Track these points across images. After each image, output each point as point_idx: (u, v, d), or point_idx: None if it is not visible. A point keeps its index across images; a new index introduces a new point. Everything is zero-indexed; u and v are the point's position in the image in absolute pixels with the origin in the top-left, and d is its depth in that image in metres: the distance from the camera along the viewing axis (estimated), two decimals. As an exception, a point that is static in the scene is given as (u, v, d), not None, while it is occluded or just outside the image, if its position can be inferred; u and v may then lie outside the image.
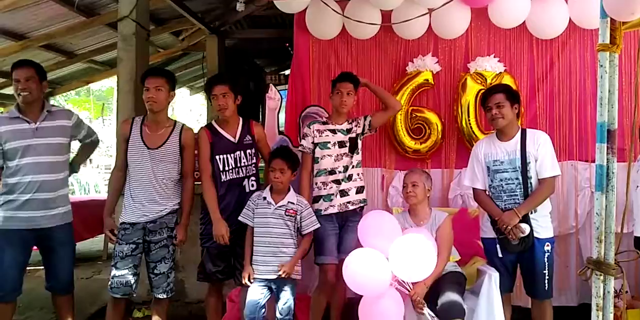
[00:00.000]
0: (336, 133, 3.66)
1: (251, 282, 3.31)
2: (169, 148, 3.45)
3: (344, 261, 3.17)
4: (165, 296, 3.46)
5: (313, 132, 3.66)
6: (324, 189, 3.61)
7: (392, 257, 3.07)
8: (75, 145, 3.78)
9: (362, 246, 3.28)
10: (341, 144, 3.64)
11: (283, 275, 3.25)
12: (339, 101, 3.61)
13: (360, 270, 3.07)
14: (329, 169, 3.61)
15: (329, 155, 3.62)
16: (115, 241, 3.41)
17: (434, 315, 3.07)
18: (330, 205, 3.57)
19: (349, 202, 3.59)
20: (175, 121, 3.61)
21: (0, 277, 3.33)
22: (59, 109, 3.68)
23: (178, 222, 3.51)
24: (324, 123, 3.71)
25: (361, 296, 3.19)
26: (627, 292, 3.57)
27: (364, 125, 3.70)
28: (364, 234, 3.30)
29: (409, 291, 3.11)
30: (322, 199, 3.60)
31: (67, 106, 14.47)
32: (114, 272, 3.35)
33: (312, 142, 3.66)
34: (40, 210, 3.38)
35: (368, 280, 3.07)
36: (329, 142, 3.63)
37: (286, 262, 3.28)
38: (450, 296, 3.08)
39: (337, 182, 3.60)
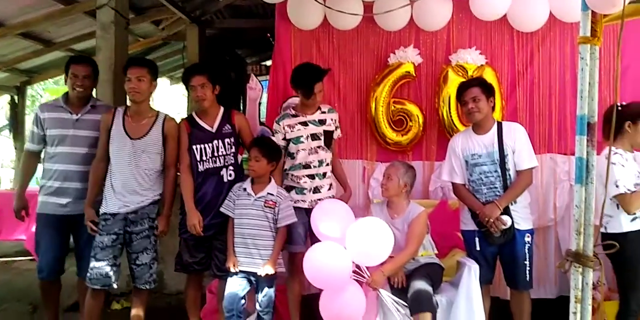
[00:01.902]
0: (308, 125, 3.58)
1: (236, 270, 3.29)
2: (152, 138, 3.44)
3: None
4: (147, 287, 3.44)
5: (283, 128, 3.60)
6: (297, 182, 3.58)
7: (348, 240, 3.10)
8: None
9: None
10: (314, 137, 3.57)
11: (267, 271, 3.24)
12: (312, 101, 3.56)
13: (320, 263, 3.10)
14: (303, 164, 3.57)
15: (302, 150, 3.56)
16: (96, 232, 3.38)
17: (396, 299, 3.09)
18: (302, 200, 3.54)
19: (319, 199, 3.55)
20: (158, 111, 3.59)
21: (43, 258, 3.55)
22: (102, 104, 3.77)
23: (160, 212, 3.49)
24: (294, 115, 3.63)
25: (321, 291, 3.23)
26: (604, 284, 3.61)
27: (335, 127, 3.68)
28: (316, 222, 3.33)
29: (366, 279, 3.12)
30: (294, 190, 3.57)
31: (44, 95, 14.23)
32: (93, 263, 3.32)
33: (284, 139, 3.60)
34: (71, 199, 3.50)
35: (328, 272, 3.09)
36: (302, 136, 3.57)
37: (266, 261, 3.27)
38: (417, 285, 3.10)
39: (312, 177, 3.56)
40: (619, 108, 3.16)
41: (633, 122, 3.19)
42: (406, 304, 3.09)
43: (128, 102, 3.58)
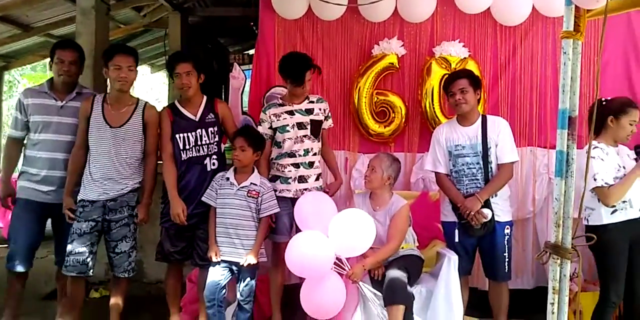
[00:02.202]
0: (294, 114, 3.57)
1: (218, 260, 3.28)
2: (132, 126, 3.41)
3: None
4: (126, 275, 3.43)
5: (270, 117, 3.58)
6: (282, 171, 3.57)
7: (330, 231, 3.12)
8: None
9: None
10: (300, 126, 3.55)
11: (250, 261, 3.23)
12: (301, 90, 3.54)
13: (303, 252, 3.11)
14: (289, 152, 3.55)
15: (288, 139, 3.55)
16: (74, 219, 3.36)
17: (375, 292, 3.13)
18: (286, 189, 3.53)
19: (305, 189, 3.54)
20: (138, 99, 3.56)
21: (16, 246, 3.45)
22: (88, 91, 3.71)
23: (140, 200, 3.47)
24: (281, 105, 3.61)
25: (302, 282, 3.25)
26: (580, 275, 3.67)
27: (325, 117, 3.66)
28: (301, 216, 3.35)
29: (346, 271, 3.14)
30: (278, 180, 3.56)
31: (22, 81, 14.00)
32: (70, 249, 3.30)
33: (270, 128, 3.59)
34: (54, 187, 3.45)
35: (310, 261, 3.09)
36: (287, 125, 3.55)
37: (248, 251, 3.26)
38: (391, 276, 3.12)
39: (296, 165, 3.55)
40: (603, 103, 3.23)
41: (615, 117, 3.24)
42: (375, 290, 3.14)
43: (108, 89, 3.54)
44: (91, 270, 3.35)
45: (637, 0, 2.46)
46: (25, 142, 3.62)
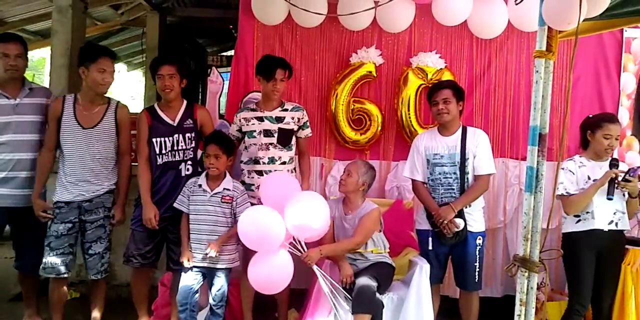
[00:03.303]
0: (263, 121, 3.56)
1: (190, 266, 3.28)
2: (105, 127, 3.40)
3: None
4: (99, 277, 3.43)
5: (240, 120, 3.60)
6: (247, 177, 3.58)
7: (287, 209, 3.11)
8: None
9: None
10: (267, 133, 3.54)
11: (210, 254, 3.22)
12: (272, 88, 3.52)
13: (256, 223, 3.08)
14: (253, 158, 3.56)
15: (254, 144, 3.55)
16: (51, 220, 3.34)
17: (333, 282, 3.15)
18: (252, 196, 3.50)
19: None
20: (109, 98, 3.53)
21: None
22: (39, 87, 3.65)
23: (116, 201, 3.46)
24: (253, 110, 3.61)
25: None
26: (547, 285, 3.77)
27: (299, 127, 3.64)
28: (264, 193, 3.32)
29: (301, 253, 3.16)
30: (244, 186, 3.55)
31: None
32: (48, 252, 3.29)
33: (238, 130, 3.61)
34: (16, 189, 3.38)
35: (261, 234, 3.08)
36: (255, 131, 3.55)
37: (214, 241, 3.25)
38: (361, 284, 3.15)
39: (260, 173, 3.54)
40: (589, 117, 3.47)
41: (592, 132, 3.42)
42: (345, 292, 3.18)
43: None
44: (68, 272, 3.35)
45: (607, 24, 2.55)
46: None
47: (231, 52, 8.61)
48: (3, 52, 3.36)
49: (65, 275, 3.36)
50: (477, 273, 3.43)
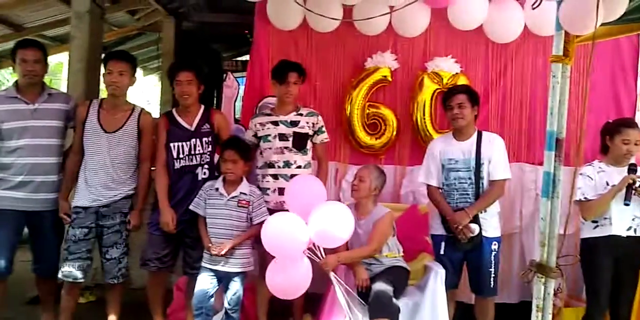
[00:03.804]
0: (278, 125, 3.58)
1: (221, 255, 3.26)
2: (127, 132, 3.43)
3: None
4: (115, 282, 3.45)
5: (255, 125, 3.63)
6: (262, 181, 3.60)
7: (311, 217, 3.12)
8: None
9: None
10: (282, 137, 3.56)
11: (215, 252, 3.23)
12: (285, 90, 3.55)
13: (280, 229, 3.10)
14: (268, 162, 3.58)
15: (269, 148, 3.57)
16: (69, 225, 3.38)
17: (361, 300, 3.16)
18: (266, 200, 3.52)
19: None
20: (134, 105, 3.58)
21: None
22: (58, 92, 3.67)
23: (133, 207, 3.48)
24: (268, 114, 3.65)
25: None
26: (564, 290, 3.73)
27: (314, 132, 3.65)
28: (290, 197, 3.33)
29: (319, 260, 3.16)
30: (261, 190, 3.56)
31: (12, 80, 13.91)
32: (66, 256, 3.33)
33: (254, 136, 3.64)
34: (33, 193, 3.39)
35: (284, 240, 3.09)
36: (270, 135, 3.58)
37: (225, 243, 3.26)
38: (377, 289, 3.14)
39: (275, 177, 3.56)
40: (608, 123, 3.45)
41: (610, 137, 3.40)
42: (360, 299, 3.18)
43: (102, 95, 3.53)
44: (86, 277, 3.39)
45: (624, 29, 2.53)
46: None
47: (246, 57, 8.67)
48: (22, 57, 3.39)
49: (82, 281, 3.40)
50: (492, 279, 3.41)
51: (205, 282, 3.32)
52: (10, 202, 3.38)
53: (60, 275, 3.37)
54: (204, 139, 3.50)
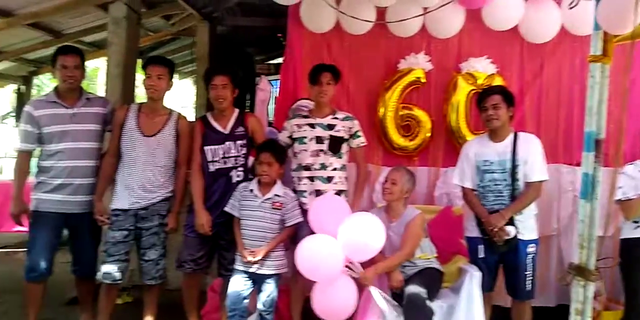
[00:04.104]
0: (315, 127, 3.60)
1: (255, 262, 3.29)
2: (165, 136, 3.49)
3: None
4: (154, 283, 3.51)
5: (292, 126, 3.65)
6: (298, 184, 3.61)
7: (340, 233, 3.14)
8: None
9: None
10: (319, 140, 3.58)
11: (249, 258, 3.25)
12: (318, 90, 3.57)
13: (313, 254, 3.13)
14: (304, 165, 3.59)
15: (304, 151, 3.59)
16: (108, 227, 3.45)
17: (388, 298, 3.15)
18: (303, 203, 3.54)
19: None
20: (171, 110, 3.64)
21: (35, 258, 3.42)
22: (96, 97, 3.75)
23: (170, 209, 3.54)
24: (305, 117, 3.67)
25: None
26: (603, 294, 3.66)
27: (350, 136, 3.65)
28: (315, 219, 3.35)
29: (358, 275, 3.16)
30: (297, 193, 3.58)
31: (51, 85, 14.27)
32: (105, 258, 3.40)
33: (289, 137, 3.66)
34: (71, 195, 3.46)
35: (320, 263, 3.12)
36: (306, 137, 3.60)
37: (259, 249, 3.29)
38: (411, 292, 3.12)
39: (312, 179, 3.57)
40: None
41: None
42: (394, 302, 3.16)
43: (139, 99, 3.59)
44: (124, 278, 3.46)
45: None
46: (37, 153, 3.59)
47: (279, 60, 8.72)
48: (62, 64, 3.46)
49: (120, 282, 3.46)
50: (529, 282, 3.36)
51: (238, 284, 3.35)
52: (50, 205, 3.45)
53: (99, 276, 3.44)
54: (238, 142, 3.53)
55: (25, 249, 3.53)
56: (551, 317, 3.79)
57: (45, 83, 15.01)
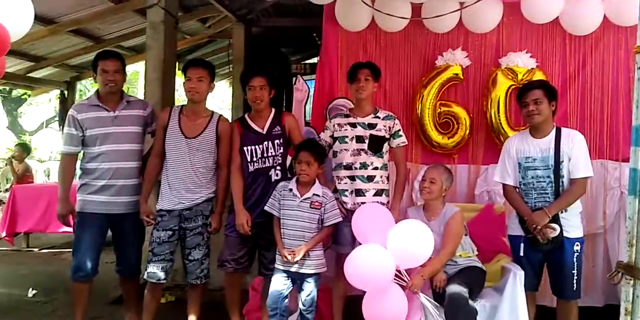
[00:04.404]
0: (356, 127, 3.59)
1: (293, 260, 3.30)
2: (206, 138, 3.53)
3: None
4: (198, 282, 3.56)
5: (334, 126, 3.65)
6: (339, 183, 3.59)
7: (389, 242, 3.11)
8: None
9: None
10: (359, 139, 3.57)
11: (289, 259, 3.26)
12: (357, 87, 3.56)
13: (363, 265, 3.11)
14: (344, 164, 3.58)
15: (345, 150, 3.58)
16: (154, 227, 3.51)
17: (436, 304, 3.11)
18: (344, 201, 3.54)
19: (364, 203, 3.51)
20: (212, 111, 3.68)
21: (81, 258, 3.49)
22: (136, 100, 3.83)
23: (213, 210, 3.58)
24: (346, 116, 3.67)
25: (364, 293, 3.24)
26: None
27: (390, 135, 3.61)
28: (359, 229, 3.33)
29: (406, 283, 3.13)
30: (337, 192, 3.58)
31: (92, 89, 14.63)
32: (151, 257, 3.46)
33: (331, 136, 3.65)
34: (115, 196, 3.53)
35: (371, 274, 3.09)
36: (347, 137, 3.59)
37: (298, 248, 3.29)
38: (452, 291, 3.08)
39: (352, 178, 3.55)
40: None
41: None
42: (436, 302, 3.13)
43: (177, 102, 3.63)
44: (168, 277, 3.52)
45: None
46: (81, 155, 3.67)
47: (314, 60, 8.74)
48: (102, 68, 3.53)
49: (164, 281, 3.52)
50: (575, 281, 3.27)
51: (279, 283, 3.36)
52: (94, 206, 3.52)
53: (145, 276, 3.50)
54: (276, 142, 3.55)
55: (71, 250, 3.60)
56: (599, 317, 3.68)
57: (88, 88, 15.39)
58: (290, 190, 3.40)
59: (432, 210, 3.47)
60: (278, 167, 3.56)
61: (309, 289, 3.34)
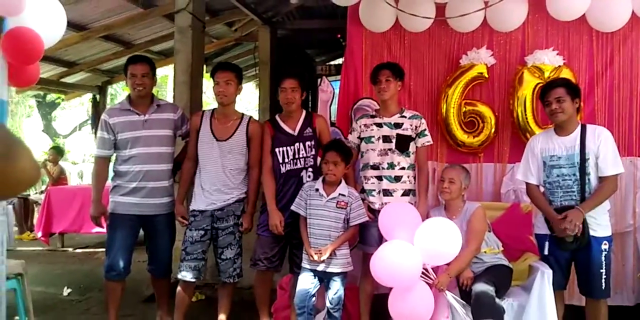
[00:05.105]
0: (382, 127, 3.61)
1: (320, 259, 3.32)
2: (237, 140, 3.59)
3: None
4: (231, 281, 3.63)
5: (360, 126, 3.67)
6: (366, 183, 3.61)
7: (417, 240, 3.13)
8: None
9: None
10: (386, 139, 3.58)
11: (316, 258, 3.29)
12: (378, 88, 3.58)
13: (390, 261, 3.12)
14: (371, 164, 3.59)
15: (372, 150, 3.59)
16: (187, 227, 3.59)
17: (463, 302, 3.11)
18: (372, 201, 3.57)
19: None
20: (243, 114, 3.74)
21: (113, 258, 3.58)
22: (166, 103, 3.91)
23: (245, 210, 3.64)
24: (372, 116, 3.68)
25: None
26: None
27: (416, 134, 3.60)
28: (386, 226, 3.34)
29: (432, 280, 3.14)
30: (365, 193, 3.60)
31: (123, 93, 14.90)
32: (184, 256, 3.54)
33: (358, 137, 3.68)
34: (146, 198, 3.61)
35: (398, 270, 3.10)
36: (373, 137, 3.60)
37: (324, 248, 3.32)
38: (478, 290, 3.07)
39: (380, 178, 3.57)
40: None
41: None
42: (463, 301, 3.13)
43: (205, 105, 3.69)
44: (202, 276, 3.59)
45: None
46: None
47: (339, 61, 8.77)
48: (132, 72, 3.61)
49: (196, 280, 3.58)
50: (604, 280, 3.22)
51: (306, 282, 3.39)
52: (126, 207, 3.61)
53: (178, 275, 3.57)
54: (307, 143, 3.59)
55: (104, 249, 3.70)
56: (629, 317, 3.63)
57: (119, 91, 15.68)
58: (317, 190, 3.43)
59: (454, 209, 3.48)
60: (310, 169, 3.60)
61: (336, 287, 3.36)
